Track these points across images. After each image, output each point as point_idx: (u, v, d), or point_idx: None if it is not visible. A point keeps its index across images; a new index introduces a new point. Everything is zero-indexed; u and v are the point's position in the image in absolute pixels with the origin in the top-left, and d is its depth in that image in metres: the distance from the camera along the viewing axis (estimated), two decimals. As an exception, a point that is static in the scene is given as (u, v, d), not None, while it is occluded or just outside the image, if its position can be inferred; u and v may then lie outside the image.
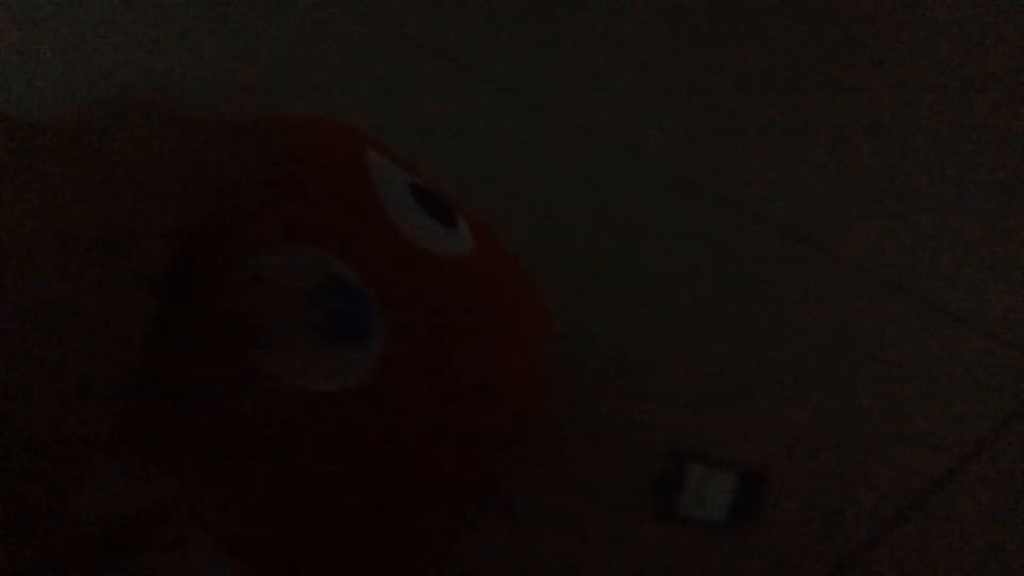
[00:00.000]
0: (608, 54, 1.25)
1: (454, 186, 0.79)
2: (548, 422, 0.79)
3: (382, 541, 0.66)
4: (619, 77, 1.22)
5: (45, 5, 1.35)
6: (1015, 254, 0.97)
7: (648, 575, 0.75)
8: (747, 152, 1.11)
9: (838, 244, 1.00)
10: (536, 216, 1.03)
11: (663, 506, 0.78)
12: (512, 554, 0.75)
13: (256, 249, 0.62)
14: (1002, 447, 0.82)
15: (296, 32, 1.31)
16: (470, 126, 1.15)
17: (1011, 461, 0.81)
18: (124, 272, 0.49)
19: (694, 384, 0.88)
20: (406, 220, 0.66)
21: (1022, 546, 0.75)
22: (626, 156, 1.11)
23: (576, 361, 0.88)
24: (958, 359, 0.89)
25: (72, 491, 0.45)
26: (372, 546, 0.66)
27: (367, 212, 0.65)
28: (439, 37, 1.29)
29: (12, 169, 0.49)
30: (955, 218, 1.01)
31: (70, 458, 0.45)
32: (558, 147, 1.13)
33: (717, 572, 0.75)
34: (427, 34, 1.29)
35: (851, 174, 1.07)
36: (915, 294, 0.95)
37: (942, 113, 1.12)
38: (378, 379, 0.62)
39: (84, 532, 0.53)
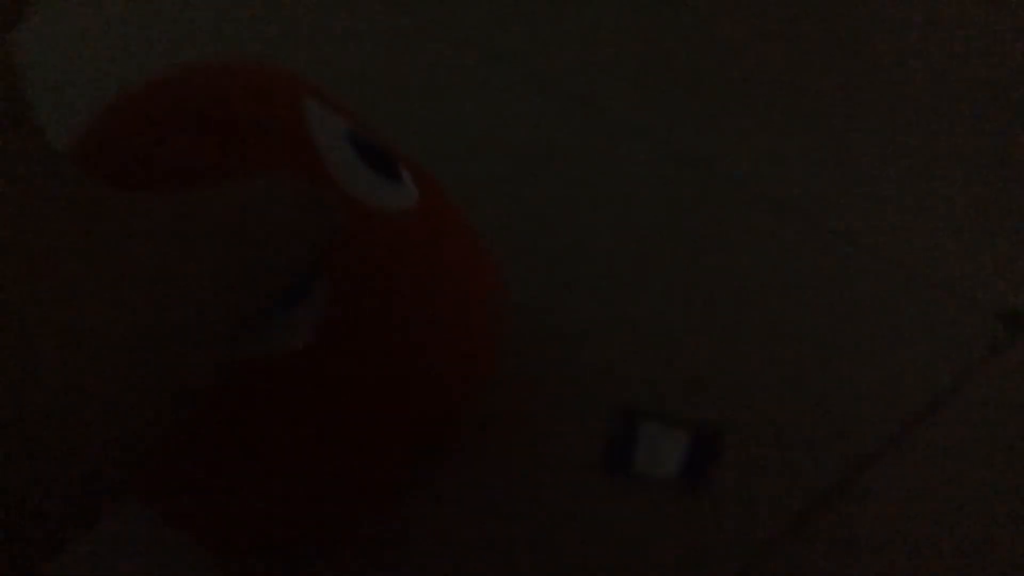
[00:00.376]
0: (583, 14, 1.23)
1: (403, 138, 0.76)
2: (498, 380, 0.77)
3: (329, 500, 0.64)
4: (589, 35, 1.20)
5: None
6: (981, 216, 0.97)
7: (602, 534, 0.74)
8: (717, 113, 1.09)
9: (794, 199, 0.99)
10: (490, 173, 1.01)
11: (617, 465, 0.77)
12: (465, 514, 0.74)
13: None
14: (960, 401, 0.82)
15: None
16: (432, 81, 1.13)
17: (969, 414, 0.81)
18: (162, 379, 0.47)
19: (648, 342, 0.86)
20: (342, 170, 0.63)
21: (978, 497, 0.75)
22: (585, 110, 1.09)
23: (528, 320, 0.86)
24: (915, 315, 0.88)
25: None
26: (319, 506, 0.64)
27: (301, 161, 0.62)
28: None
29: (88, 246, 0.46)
30: (920, 183, 1.00)
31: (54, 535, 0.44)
32: (515, 101, 1.10)
33: (671, 530, 0.74)
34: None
35: (821, 138, 1.06)
36: (870, 251, 0.94)
37: (913, 84, 1.12)
38: (321, 340, 0.60)
39: None
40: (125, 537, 0.68)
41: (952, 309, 0.88)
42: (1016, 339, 0.85)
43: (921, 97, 1.08)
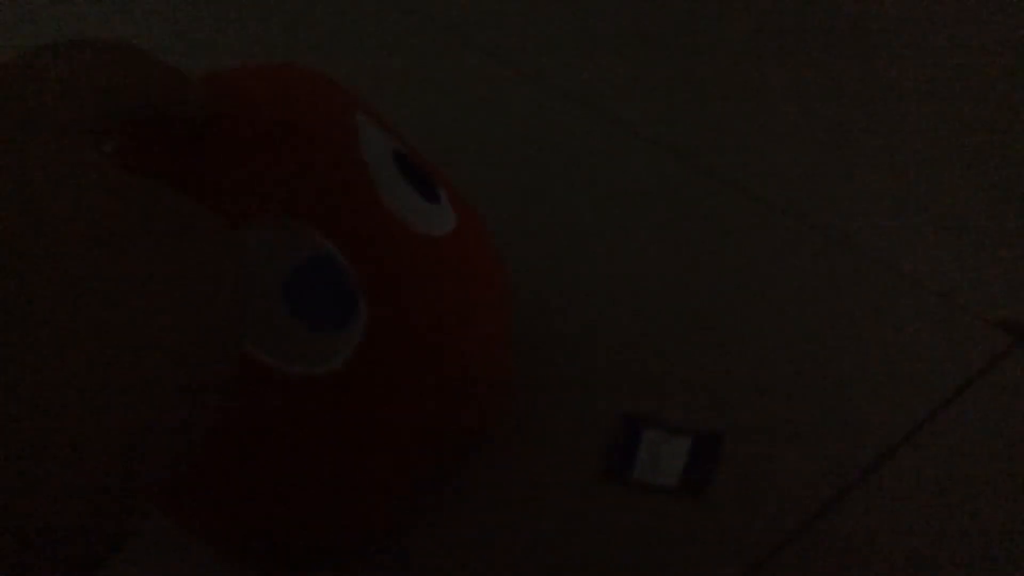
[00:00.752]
0: (586, 14, 1.21)
1: (424, 146, 0.76)
2: (511, 403, 0.78)
3: (348, 521, 0.66)
4: (582, 30, 1.19)
5: None
6: (981, 224, 0.97)
7: (601, 542, 0.75)
8: (715, 114, 1.09)
9: (796, 203, 0.99)
10: (491, 176, 1.00)
11: (617, 472, 0.78)
12: (465, 520, 0.75)
13: (237, 222, 0.59)
14: (960, 410, 0.83)
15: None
16: (429, 80, 1.11)
17: (969, 423, 0.82)
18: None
19: (650, 348, 0.88)
20: (392, 194, 0.63)
21: (979, 505, 0.76)
22: (583, 108, 1.08)
23: (527, 326, 0.86)
24: (915, 323, 0.90)
25: None
26: (336, 527, 0.65)
27: (356, 184, 0.62)
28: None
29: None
30: (922, 190, 1.01)
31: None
32: (513, 98, 1.10)
33: (672, 538, 0.75)
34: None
35: (823, 143, 1.06)
36: (871, 258, 0.95)
37: (908, 81, 1.11)
38: (356, 365, 0.61)
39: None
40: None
41: (952, 318, 0.90)
42: (1016, 349, 0.87)
43: (924, 104, 1.08)
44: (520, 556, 0.74)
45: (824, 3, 1.19)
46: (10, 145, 0.43)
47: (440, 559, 0.74)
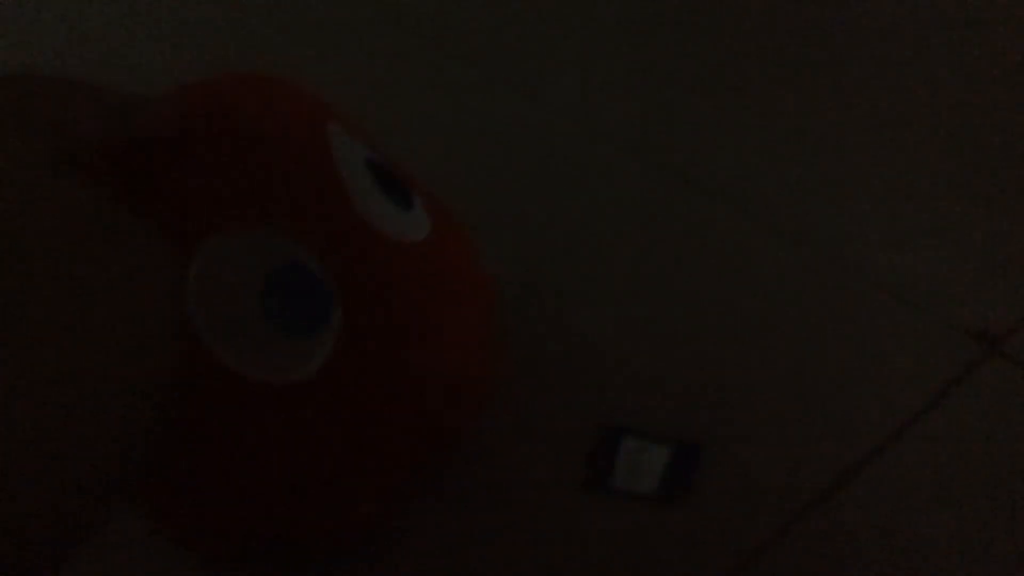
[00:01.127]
0: (565, 22, 1.22)
1: (390, 150, 0.76)
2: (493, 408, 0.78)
3: (323, 525, 0.66)
4: (573, 45, 1.19)
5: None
6: (955, 234, 0.98)
7: (581, 549, 0.75)
8: (700, 126, 1.09)
9: (774, 214, 1.00)
10: (476, 185, 1.00)
11: (596, 480, 0.78)
12: (443, 529, 0.75)
13: (212, 231, 0.60)
14: (935, 419, 0.83)
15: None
16: (416, 90, 1.12)
17: (944, 433, 0.82)
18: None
19: (628, 356, 0.88)
20: (365, 201, 0.64)
21: (954, 513, 0.77)
22: (569, 119, 1.09)
23: (509, 335, 0.87)
24: (891, 333, 0.90)
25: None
26: (312, 530, 0.66)
27: (330, 193, 0.63)
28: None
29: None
30: (897, 201, 1.01)
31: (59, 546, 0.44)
32: (501, 111, 1.10)
33: (652, 544, 0.75)
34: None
35: (803, 155, 1.06)
36: (848, 269, 0.95)
37: (883, 92, 1.12)
38: (331, 371, 0.61)
39: None
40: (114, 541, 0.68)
41: (927, 328, 0.90)
42: (989, 358, 0.87)
43: (899, 117, 1.08)
44: (500, 563, 0.74)
45: (815, 25, 1.20)
46: None
47: (418, 565, 0.74)
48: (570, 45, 1.18)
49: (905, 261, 0.95)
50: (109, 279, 0.47)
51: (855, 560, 0.75)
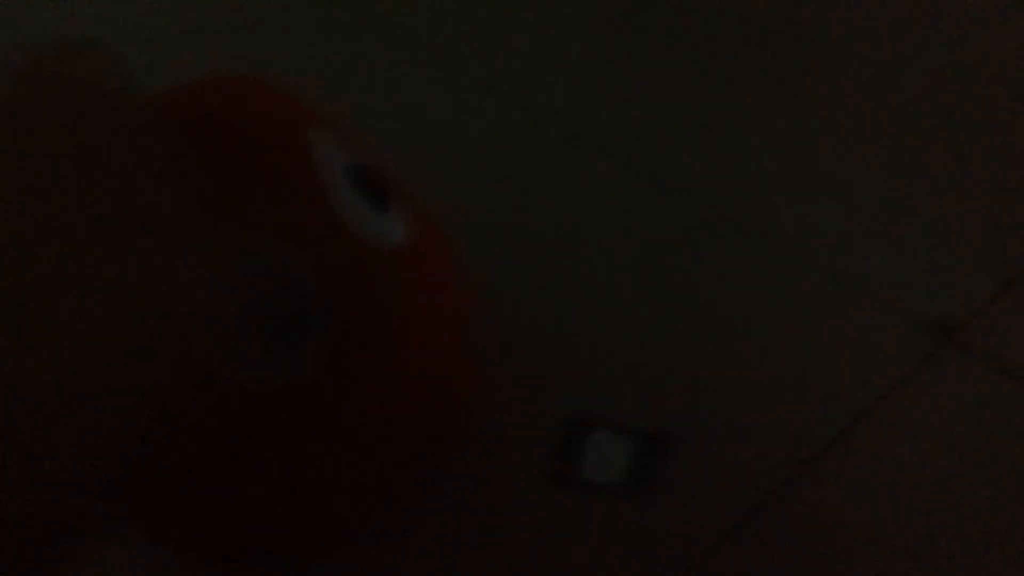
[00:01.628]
0: (556, 31, 1.21)
1: (387, 159, 0.77)
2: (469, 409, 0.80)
3: (310, 526, 0.68)
4: (534, 36, 1.18)
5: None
6: (908, 227, 0.98)
7: (548, 540, 0.77)
8: (662, 119, 1.08)
9: (736, 213, 1.01)
10: (454, 191, 0.98)
11: (563, 472, 0.80)
12: (411, 522, 0.76)
13: (196, 236, 0.60)
14: (891, 410, 0.85)
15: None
16: (396, 97, 1.11)
17: (900, 423, 0.84)
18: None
19: (595, 350, 0.89)
20: (344, 207, 0.65)
21: (910, 504, 0.79)
22: (553, 130, 1.08)
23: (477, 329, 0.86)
24: (847, 325, 0.91)
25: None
26: (297, 531, 0.68)
27: (314, 200, 0.64)
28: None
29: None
30: (852, 195, 1.01)
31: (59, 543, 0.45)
32: (467, 110, 1.10)
33: (617, 534, 0.77)
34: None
35: (759, 143, 1.05)
36: (804, 263, 0.96)
37: (849, 88, 1.11)
38: (318, 374, 0.63)
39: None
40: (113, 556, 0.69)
41: (882, 320, 0.91)
42: (943, 349, 0.89)
43: (852, 114, 1.08)
44: (472, 557, 0.76)
45: (792, 33, 1.18)
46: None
47: (396, 560, 0.75)
48: (554, 50, 1.17)
49: (860, 254, 0.96)
50: (136, 277, 0.48)
51: (816, 549, 0.77)
